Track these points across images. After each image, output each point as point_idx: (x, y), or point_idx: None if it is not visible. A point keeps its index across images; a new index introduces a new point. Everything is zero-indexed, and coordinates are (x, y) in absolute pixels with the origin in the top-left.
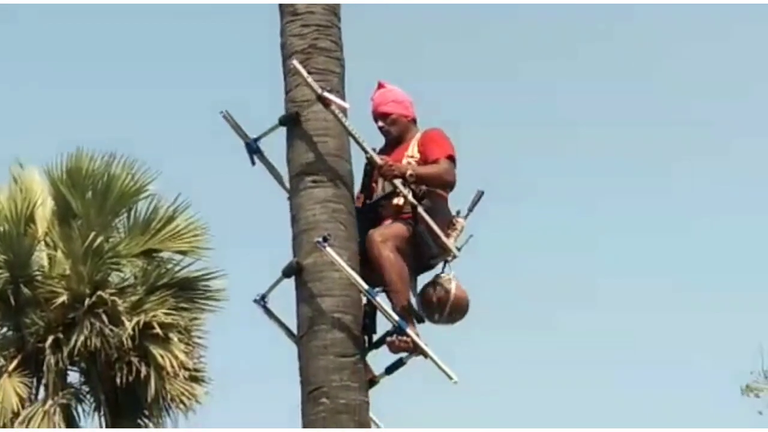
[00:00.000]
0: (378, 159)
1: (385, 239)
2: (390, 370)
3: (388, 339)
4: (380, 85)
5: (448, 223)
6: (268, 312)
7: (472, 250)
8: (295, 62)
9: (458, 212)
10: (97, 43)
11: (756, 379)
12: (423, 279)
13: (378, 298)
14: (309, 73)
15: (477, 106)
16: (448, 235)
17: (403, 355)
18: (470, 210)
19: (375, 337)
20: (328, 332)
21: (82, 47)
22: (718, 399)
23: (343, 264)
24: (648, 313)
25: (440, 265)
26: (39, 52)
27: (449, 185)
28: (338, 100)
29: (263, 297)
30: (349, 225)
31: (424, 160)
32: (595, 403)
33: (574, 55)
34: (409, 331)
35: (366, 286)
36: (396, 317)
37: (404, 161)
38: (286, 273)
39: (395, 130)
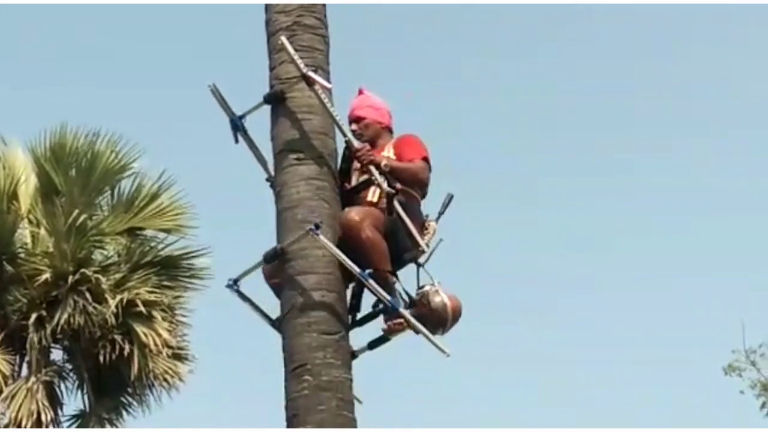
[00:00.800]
0: (356, 143)
1: (362, 218)
2: (373, 345)
3: (385, 326)
4: (360, 91)
5: (420, 225)
6: (242, 296)
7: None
8: (283, 38)
9: (428, 216)
10: (82, 18)
11: (738, 358)
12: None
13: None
14: (295, 50)
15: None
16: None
17: (392, 335)
18: (441, 213)
19: (360, 315)
20: (312, 310)
21: (66, 23)
22: (701, 379)
23: (336, 250)
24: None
25: (420, 272)
26: (22, 28)
27: (422, 183)
28: (322, 81)
29: (236, 281)
30: (333, 202)
31: (399, 160)
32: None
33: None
34: (401, 309)
35: (359, 270)
36: (388, 297)
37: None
38: (268, 258)
39: (368, 135)
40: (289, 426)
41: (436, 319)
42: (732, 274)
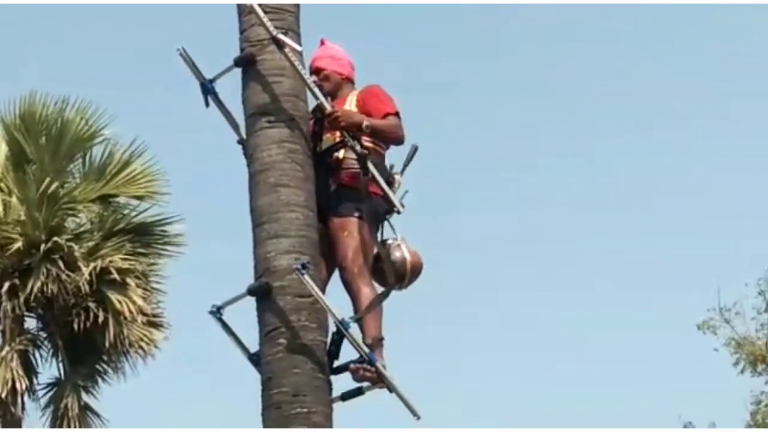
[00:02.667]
0: (329, 105)
1: (359, 267)
2: (346, 396)
3: (352, 366)
4: (322, 42)
5: (386, 179)
6: (224, 325)
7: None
8: (253, 2)
9: (392, 167)
10: None
11: (712, 316)
12: None
13: (350, 329)
14: (264, 12)
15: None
16: None
17: (364, 384)
18: (405, 165)
19: (337, 363)
20: (286, 273)
21: None
22: (675, 336)
23: (318, 292)
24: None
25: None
26: None
27: (400, 141)
28: (292, 43)
29: (219, 308)
30: (306, 165)
31: (366, 115)
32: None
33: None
34: (377, 364)
35: (339, 317)
36: (365, 349)
37: None
38: (252, 292)
39: (327, 86)
40: (264, 389)
41: (394, 273)
42: (708, 235)
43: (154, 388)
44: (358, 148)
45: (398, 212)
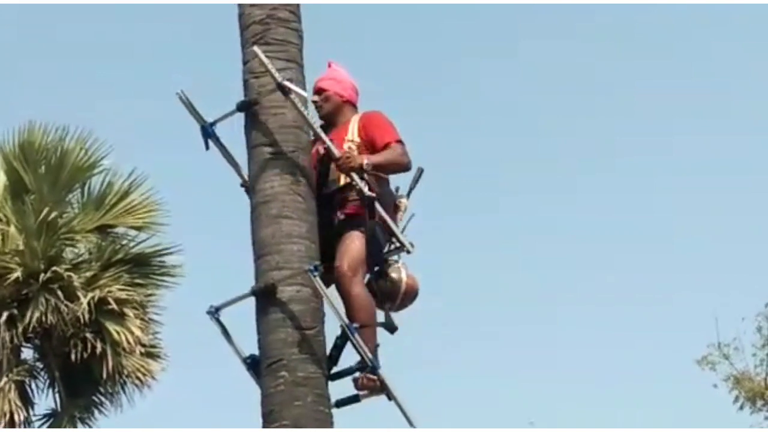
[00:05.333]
0: (336, 151)
1: (354, 271)
2: (340, 404)
3: (355, 375)
4: (329, 65)
5: (393, 205)
6: (221, 326)
7: None
8: (256, 48)
9: (398, 189)
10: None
11: (711, 352)
12: None
13: (356, 335)
14: (267, 43)
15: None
16: (394, 219)
17: (362, 392)
18: (411, 188)
19: (336, 369)
20: (287, 304)
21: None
22: (674, 372)
23: (328, 297)
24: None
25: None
26: None
27: (406, 169)
28: (298, 89)
29: (217, 309)
30: (308, 197)
31: (367, 145)
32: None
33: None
34: (380, 372)
35: (347, 321)
36: (370, 355)
37: (345, 146)
38: (257, 293)
39: (327, 108)
40: (265, 422)
41: (388, 293)
42: (707, 270)
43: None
44: (366, 190)
45: (408, 252)
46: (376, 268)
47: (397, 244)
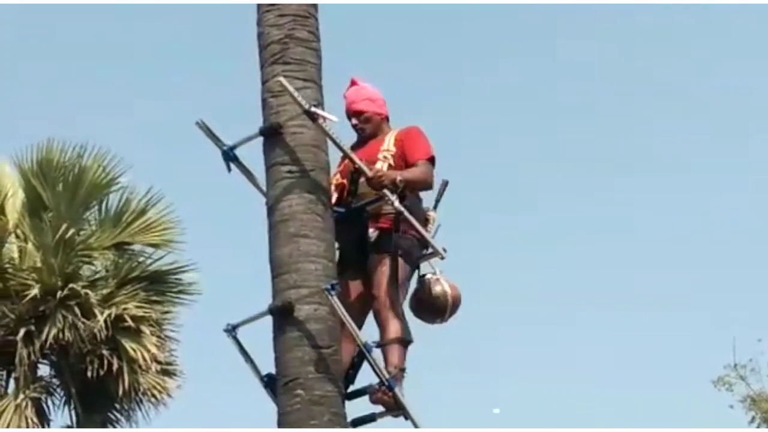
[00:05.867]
0: (368, 171)
1: (392, 299)
2: (356, 423)
3: (371, 389)
4: (353, 82)
5: (423, 218)
6: (238, 344)
7: None
8: (282, 79)
9: (421, 201)
10: (69, 35)
11: (728, 373)
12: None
13: (372, 354)
14: (286, 63)
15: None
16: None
17: (378, 410)
18: (437, 201)
19: (353, 388)
20: (305, 323)
21: (53, 39)
22: (690, 393)
23: (346, 316)
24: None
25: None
26: (8, 43)
27: (428, 187)
28: (326, 114)
29: (234, 327)
30: (326, 216)
31: (401, 156)
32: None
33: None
34: (396, 390)
35: (364, 340)
36: (386, 375)
37: (380, 155)
38: (274, 311)
39: (369, 129)
40: None
41: (436, 307)
42: (724, 290)
43: None
44: (396, 204)
45: (442, 258)
46: (416, 286)
47: (430, 251)
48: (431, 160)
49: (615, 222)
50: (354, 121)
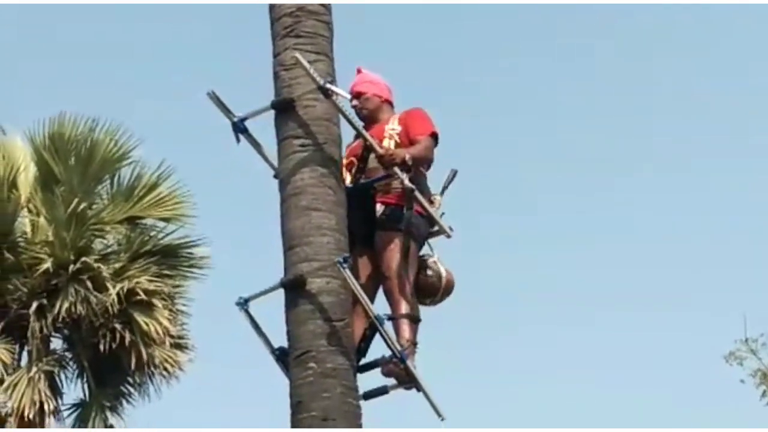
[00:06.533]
0: (379, 148)
1: (402, 279)
2: (368, 396)
3: (383, 361)
4: (358, 71)
5: (428, 200)
6: (250, 317)
7: None
8: (297, 54)
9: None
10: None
11: (739, 347)
12: None
13: (384, 326)
14: (298, 36)
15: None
16: None
17: (390, 383)
18: (445, 188)
19: (365, 361)
20: (317, 296)
21: (64, 13)
22: (701, 368)
23: (358, 288)
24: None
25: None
26: (21, 18)
27: (429, 162)
28: (340, 91)
29: (246, 300)
30: (338, 189)
31: (406, 134)
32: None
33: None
34: (408, 362)
35: (376, 312)
36: (398, 347)
37: (386, 134)
38: (286, 285)
39: (368, 109)
40: (293, 413)
41: (429, 288)
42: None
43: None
44: (406, 182)
45: (448, 236)
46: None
47: (436, 228)
48: (433, 136)
49: (615, 222)
50: (354, 102)
